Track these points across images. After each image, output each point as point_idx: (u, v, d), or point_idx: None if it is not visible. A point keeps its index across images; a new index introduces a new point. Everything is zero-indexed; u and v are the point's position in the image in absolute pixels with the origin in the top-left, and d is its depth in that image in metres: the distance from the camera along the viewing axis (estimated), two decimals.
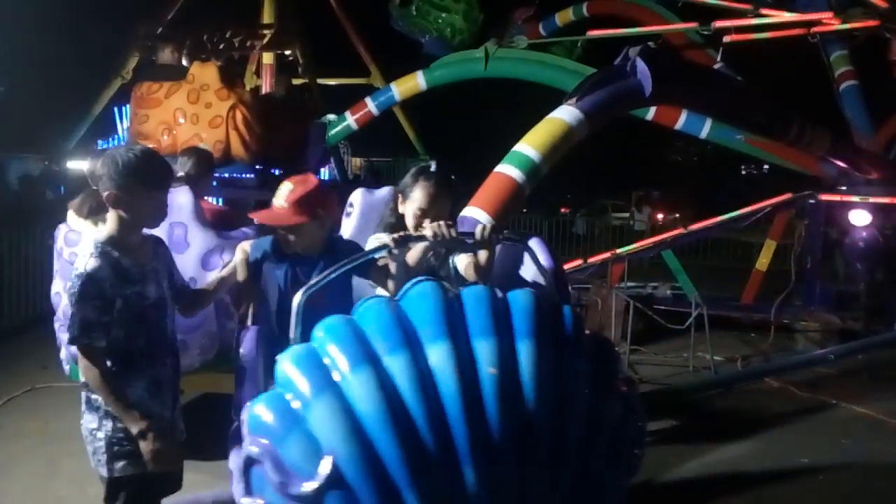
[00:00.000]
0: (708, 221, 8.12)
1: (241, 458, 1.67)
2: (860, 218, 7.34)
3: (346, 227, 3.09)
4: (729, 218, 7.96)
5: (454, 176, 2.53)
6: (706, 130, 8.16)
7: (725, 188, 25.88)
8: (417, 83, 9.82)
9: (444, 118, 23.74)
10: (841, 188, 7.64)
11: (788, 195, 7.88)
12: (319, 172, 9.67)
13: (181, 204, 3.62)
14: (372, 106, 10.38)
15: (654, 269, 10.35)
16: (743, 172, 31.60)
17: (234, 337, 3.09)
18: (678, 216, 20.81)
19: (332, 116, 10.65)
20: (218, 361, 3.66)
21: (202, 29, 8.95)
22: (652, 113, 8.28)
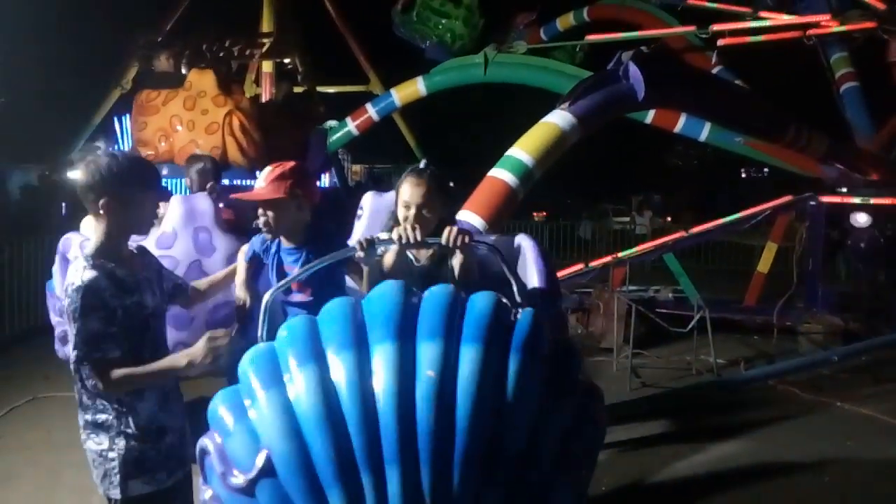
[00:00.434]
0: (709, 224, 8.10)
1: (197, 448, 1.75)
2: (861, 219, 7.34)
3: (356, 229, 3.19)
4: (730, 221, 7.92)
5: (453, 183, 2.53)
6: (706, 133, 8.18)
7: (726, 191, 25.90)
8: (417, 89, 9.83)
9: (444, 125, 23.79)
10: (841, 190, 7.63)
11: (789, 197, 7.87)
12: (320, 178, 9.69)
13: (203, 209, 3.68)
14: (372, 112, 10.40)
15: (655, 272, 10.35)
16: (743, 175, 31.56)
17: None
18: (670, 219, 20.87)
19: (332, 123, 10.67)
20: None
21: (201, 38, 8.97)
22: (651, 116, 8.29)
